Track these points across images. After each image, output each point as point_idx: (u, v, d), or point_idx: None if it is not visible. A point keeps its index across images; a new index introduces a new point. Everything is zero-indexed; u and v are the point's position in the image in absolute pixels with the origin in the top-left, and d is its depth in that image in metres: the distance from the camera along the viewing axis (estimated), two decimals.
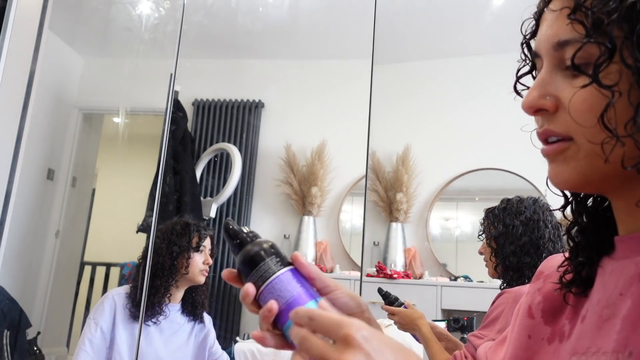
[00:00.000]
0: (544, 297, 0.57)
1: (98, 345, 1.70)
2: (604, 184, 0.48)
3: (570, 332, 0.52)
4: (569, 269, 0.54)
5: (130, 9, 3.62)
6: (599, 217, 0.54)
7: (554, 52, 0.48)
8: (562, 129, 0.47)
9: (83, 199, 4.28)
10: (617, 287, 0.47)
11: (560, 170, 0.49)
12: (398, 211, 3.63)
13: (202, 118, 3.99)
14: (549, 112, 0.48)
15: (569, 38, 0.46)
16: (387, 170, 3.77)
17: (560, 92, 0.47)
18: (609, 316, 0.46)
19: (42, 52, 2.21)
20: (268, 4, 3.59)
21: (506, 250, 1.47)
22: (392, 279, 3.34)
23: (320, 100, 3.93)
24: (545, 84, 0.48)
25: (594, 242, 0.53)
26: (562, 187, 0.51)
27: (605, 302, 0.48)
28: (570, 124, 0.46)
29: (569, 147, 0.47)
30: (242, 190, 3.80)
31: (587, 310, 0.50)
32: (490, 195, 3.67)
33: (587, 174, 0.47)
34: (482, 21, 3.45)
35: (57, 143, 3.97)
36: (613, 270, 0.49)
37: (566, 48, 0.46)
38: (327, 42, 3.88)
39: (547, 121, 0.49)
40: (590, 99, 0.45)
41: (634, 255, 0.47)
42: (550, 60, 0.49)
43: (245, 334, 3.55)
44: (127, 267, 3.95)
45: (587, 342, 0.48)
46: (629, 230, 0.49)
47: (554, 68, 0.48)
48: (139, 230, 3.36)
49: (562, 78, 0.48)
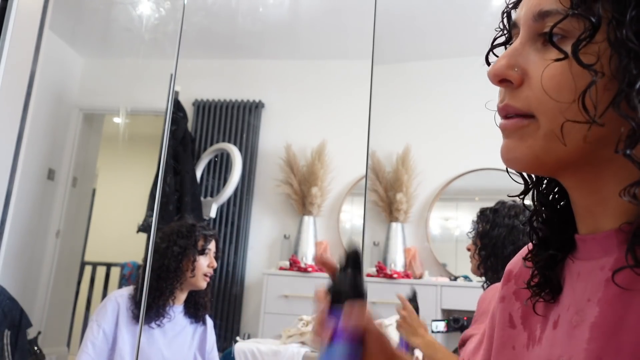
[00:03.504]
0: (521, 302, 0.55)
1: (100, 347, 1.70)
2: (558, 168, 0.46)
3: (540, 336, 0.51)
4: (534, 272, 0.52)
5: (130, 10, 3.63)
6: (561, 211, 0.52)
7: (533, 22, 0.46)
8: (523, 105, 0.45)
9: (83, 199, 4.28)
10: (585, 292, 0.46)
11: (513, 147, 0.46)
12: (398, 211, 3.63)
13: (202, 118, 3.99)
14: (513, 84, 0.46)
15: (552, 9, 0.44)
16: (387, 170, 3.77)
17: (529, 65, 0.45)
18: (578, 322, 0.45)
19: (42, 52, 2.21)
20: (268, 4, 3.59)
21: (491, 250, 1.49)
22: (392, 279, 3.35)
23: (320, 100, 3.93)
24: (517, 54, 0.46)
25: (557, 238, 0.51)
26: (512, 165, 0.48)
27: (575, 307, 0.46)
28: (532, 100, 0.45)
29: (528, 125, 0.45)
30: (242, 190, 3.80)
31: (558, 315, 0.49)
32: (490, 195, 3.67)
33: (540, 156, 0.45)
34: (482, 21, 3.44)
35: (58, 143, 3.98)
36: (580, 273, 0.48)
37: (547, 19, 0.44)
38: (327, 42, 3.88)
39: (508, 95, 0.47)
40: (559, 76, 0.43)
41: (599, 256, 0.46)
42: (528, 30, 0.46)
43: (245, 334, 3.55)
44: (128, 267, 3.96)
45: (559, 349, 0.46)
46: (591, 229, 0.47)
47: (529, 40, 0.46)
48: (140, 230, 3.36)
49: (534, 51, 0.46)
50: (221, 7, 3.62)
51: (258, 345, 2.23)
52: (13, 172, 2.08)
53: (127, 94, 4.00)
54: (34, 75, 2.17)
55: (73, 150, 4.04)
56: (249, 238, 3.82)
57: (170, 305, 1.78)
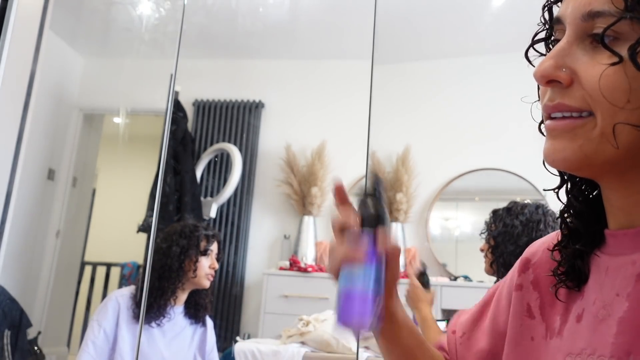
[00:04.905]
0: (540, 292, 0.55)
1: (101, 346, 1.70)
2: (604, 169, 0.45)
3: (560, 328, 0.50)
4: (562, 261, 0.51)
5: (130, 10, 3.63)
6: (592, 205, 0.52)
7: (581, 22, 0.44)
8: (579, 104, 0.44)
9: (83, 199, 4.28)
10: (613, 287, 0.45)
11: (563, 147, 0.45)
12: (398, 211, 3.63)
13: (203, 118, 3.99)
14: (562, 84, 0.45)
15: (604, 9, 0.42)
16: (387, 170, 3.77)
17: (578, 65, 0.44)
18: (604, 317, 0.45)
19: (42, 52, 2.20)
20: (268, 4, 3.59)
21: (504, 248, 1.53)
22: None
23: (320, 100, 3.93)
24: (564, 54, 0.45)
25: (587, 231, 0.51)
26: (559, 165, 0.47)
27: (601, 302, 0.46)
28: (588, 98, 0.43)
29: (583, 125, 0.44)
30: (242, 190, 3.80)
31: (582, 309, 0.48)
32: (490, 196, 3.67)
33: (591, 156, 0.44)
34: (482, 21, 3.45)
35: (58, 143, 3.98)
36: (609, 268, 0.47)
37: (597, 20, 0.43)
38: (327, 42, 3.88)
39: (559, 95, 0.45)
40: (613, 77, 0.42)
41: (629, 252, 0.45)
42: (575, 30, 0.45)
43: (245, 334, 3.55)
44: (128, 267, 3.96)
45: (582, 343, 0.46)
46: (621, 224, 0.47)
47: (576, 39, 0.45)
48: (140, 230, 3.36)
49: (582, 51, 0.44)
50: (221, 7, 3.62)
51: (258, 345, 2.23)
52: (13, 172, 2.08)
53: (127, 94, 4.00)
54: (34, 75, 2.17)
55: (73, 150, 4.04)
56: (249, 238, 3.82)
57: (171, 305, 1.78)
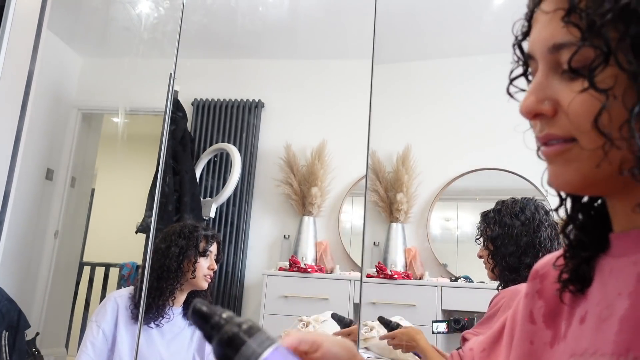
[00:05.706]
0: (545, 300, 0.56)
1: (100, 347, 1.70)
2: (606, 185, 0.47)
3: (565, 332, 0.52)
4: (566, 268, 0.53)
5: (129, 9, 3.62)
6: (594, 214, 0.54)
7: (549, 54, 0.47)
8: (564, 132, 0.46)
9: (82, 199, 4.27)
10: (616, 287, 0.47)
11: (561, 172, 0.48)
12: (398, 211, 3.62)
13: (202, 118, 3.98)
14: (548, 116, 0.47)
15: (565, 41, 0.45)
16: (387, 170, 3.76)
17: (558, 95, 0.46)
18: (607, 316, 0.46)
19: (40, 51, 2.20)
20: (268, 3, 3.58)
21: (504, 250, 1.48)
22: (393, 280, 3.33)
23: (320, 100, 3.92)
24: (543, 87, 0.47)
25: (590, 239, 0.52)
26: (563, 188, 0.49)
27: (605, 303, 0.47)
28: (570, 126, 0.46)
29: (571, 149, 0.46)
30: (242, 190, 3.79)
31: (586, 311, 0.50)
32: (490, 196, 3.66)
33: (589, 176, 0.46)
34: (482, 21, 3.44)
35: (56, 143, 3.97)
36: (612, 270, 0.49)
37: (562, 51, 0.45)
38: (327, 42, 3.87)
39: (547, 125, 0.48)
40: (587, 102, 0.44)
41: (631, 253, 0.47)
42: (546, 63, 0.48)
43: None
44: (127, 267, 3.94)
45: (586, 343, 0.47)
46: (624, 227, 0.49)
47: (550, 71, 0.47)
48: (139, 231, 3.35)
49: (558, 81, 0.47)
50: (220, 6, 3.61)
51: None
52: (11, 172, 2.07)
53: (126, 93, 3.98)
54: (32, 75, 2.16)
55: (71, 150, 4.03)
56: (249, 238, 3.81)
57: (169, 305, 1.77)
